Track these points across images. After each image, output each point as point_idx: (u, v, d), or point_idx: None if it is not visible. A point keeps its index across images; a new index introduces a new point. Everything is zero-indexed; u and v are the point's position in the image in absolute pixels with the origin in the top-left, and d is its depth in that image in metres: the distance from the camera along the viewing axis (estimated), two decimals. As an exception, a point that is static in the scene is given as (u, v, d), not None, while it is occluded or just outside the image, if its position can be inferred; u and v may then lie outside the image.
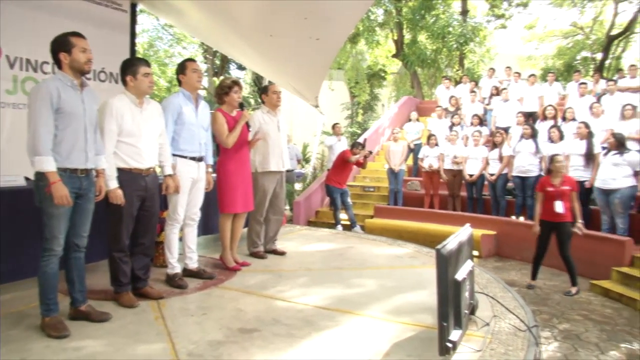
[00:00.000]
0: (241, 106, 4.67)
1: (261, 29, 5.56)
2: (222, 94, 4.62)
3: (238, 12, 5.32)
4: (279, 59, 6.36)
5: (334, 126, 10.15)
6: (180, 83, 4.19)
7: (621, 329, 4.60)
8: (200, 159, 4.22)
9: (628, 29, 19.60)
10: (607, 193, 6.50)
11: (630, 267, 5.93)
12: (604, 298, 5.57)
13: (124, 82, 3.57)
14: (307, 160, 15.06)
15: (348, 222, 8.65)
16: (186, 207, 4.17)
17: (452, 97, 11.21)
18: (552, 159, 5.74)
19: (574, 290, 5.67)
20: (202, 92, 17.47)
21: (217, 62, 19.85)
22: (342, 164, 8.54)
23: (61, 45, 3.04)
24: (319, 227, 8.50)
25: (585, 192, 7.01)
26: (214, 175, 4.64)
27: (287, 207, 9.90)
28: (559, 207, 5.52)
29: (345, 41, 15.22)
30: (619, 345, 4.21)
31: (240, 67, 19.80)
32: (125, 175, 3.48)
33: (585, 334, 4.44)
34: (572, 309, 5.13)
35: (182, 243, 4.34)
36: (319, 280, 4.51)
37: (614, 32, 19.84)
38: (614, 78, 10.11)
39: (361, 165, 8.82)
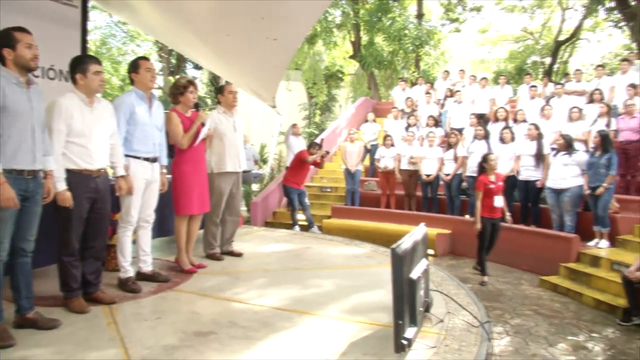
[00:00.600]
0: (196, 106, 4.60)
1: (218, 29, 5.50)
2: (177, 93, 4.55)
3: (194, 11, 5.24)
4: (236, 59, 6.31)
5: (292, 127, 10.13)
6: (132, 82, 4.09)
7: (568, 322, 4.79)
8: (154, 160, 4.13)
9: (574, 35, 20.60)
10: (558, 192, 6.75)
11: (577, 262, 6.18)
12: (553, 293, 5.78)
13: (74, 80, 3.45)
14: (264, 161, 14.99)
15: (306, 223, 8.65)
16: (140, 209, 4.07)
17: (408, 98, 11.39)
18: (485, 157, 6.02)
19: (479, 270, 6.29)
20: (158, 92, 17.12)
21: (173, 60, 19.48)
22: (299, 164, 8.54)
23: (4, 40, 2.92)
24: (277, 227, 8.47)
25: (535, 191, 7.27)
26: (169, 176, 4.56)
27: (245, 208, 9.82)
28: (499, 201, 5.88)
29: (303, 42, 15.24)
30: (566, 337, 4.38)
31: (197, 67, 19.49)
32: (75, 177, 3.36)
33: (535, 328, 4.59)
34: (523, 305, 5.29)
35: (136, 246, 4.24)
36: (276, 281, 4.50)
37: (562, 37, 20.76)
38: (562, 82, 10.52)
39: (318, 165, 8.85)
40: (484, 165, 5.96)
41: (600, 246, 6.31)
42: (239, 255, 5.36)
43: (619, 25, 14.31)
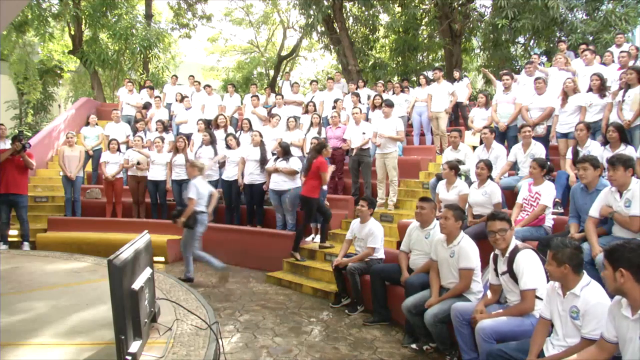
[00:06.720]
0: None
1: None
2: None
3: None
4: None
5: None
6: None
7: (291, 312, 5.25)
8: None
9: (294, 52, 22.86)
10: (279, 194, 7.30)
11: (297, 257, 6.80)
12: (278, 287, 6.26)
13: None
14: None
15: (18, 239, 7.50)
16: None
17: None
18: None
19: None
20: None
21: None
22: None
23: None
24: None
25: (260, 193, 7.73)
26: None
27: None
28: None
29: (9, 28, 13.21)
30: (289, 325, 4.79)
31: None
32: None
33: (263, 321, 4.89)
34: (251, 301, 5.58)
35: None
36: (-30, 312, 3.79)
37: (284, 53, 22.82)
38: (281, 93, 11.47)
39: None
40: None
41: (316, 240, 7.06)
42: None
43: (328, 48, 16.32)
